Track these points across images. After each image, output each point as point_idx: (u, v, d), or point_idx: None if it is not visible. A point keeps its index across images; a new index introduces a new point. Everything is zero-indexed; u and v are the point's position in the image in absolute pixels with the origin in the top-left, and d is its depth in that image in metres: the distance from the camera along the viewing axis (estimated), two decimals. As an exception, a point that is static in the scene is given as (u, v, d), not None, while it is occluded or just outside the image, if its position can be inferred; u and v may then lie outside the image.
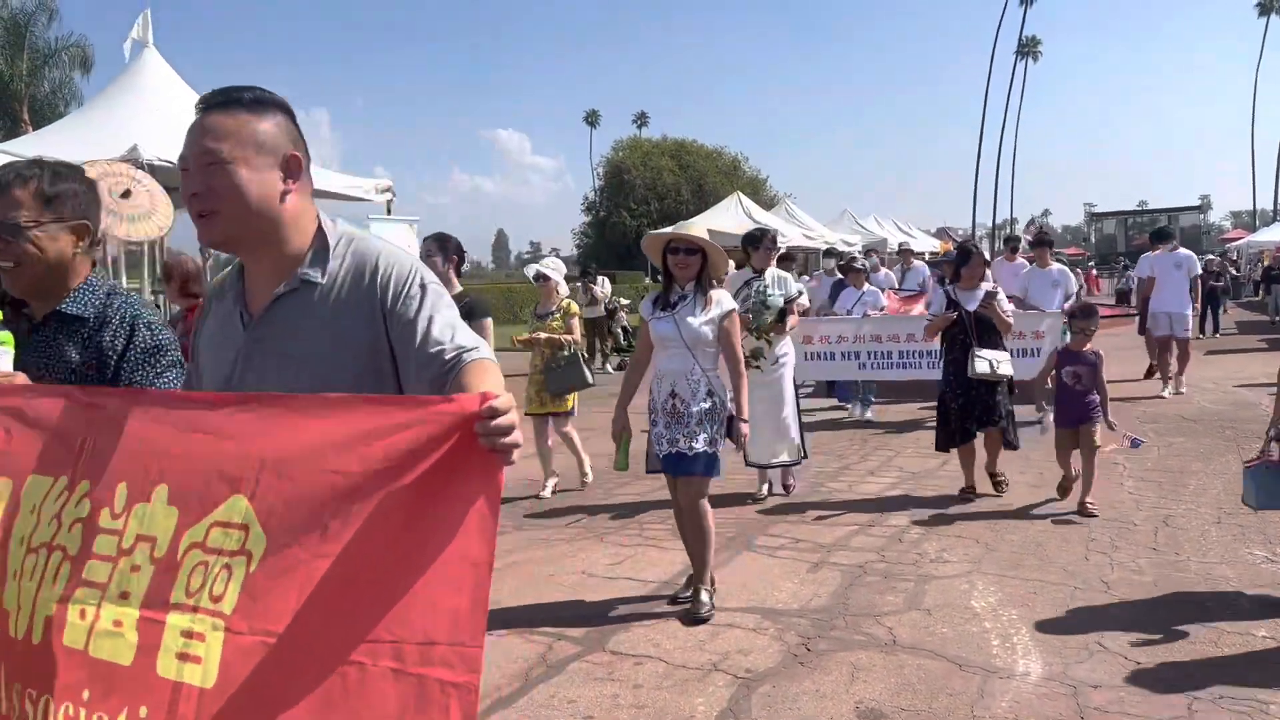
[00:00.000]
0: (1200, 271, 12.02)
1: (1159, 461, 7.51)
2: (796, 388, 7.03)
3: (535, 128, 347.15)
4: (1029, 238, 13.67)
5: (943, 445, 6.90)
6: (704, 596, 4.56)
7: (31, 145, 9.26)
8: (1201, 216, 71.60)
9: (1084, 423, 6.08)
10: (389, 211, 11.02)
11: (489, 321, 4.91)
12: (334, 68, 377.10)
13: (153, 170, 7.86)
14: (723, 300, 4.64)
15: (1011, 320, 6.74)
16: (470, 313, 4.19)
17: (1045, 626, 4.26)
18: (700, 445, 4.46)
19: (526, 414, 7.11)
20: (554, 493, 7.27)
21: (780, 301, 6.67)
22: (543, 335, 7.10)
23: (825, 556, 5.42)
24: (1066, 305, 9.58)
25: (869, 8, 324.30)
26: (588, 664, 4.04)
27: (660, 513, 6.46)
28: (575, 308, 7.42)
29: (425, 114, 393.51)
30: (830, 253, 14.52)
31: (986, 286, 6.63)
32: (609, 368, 16.15)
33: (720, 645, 4.18)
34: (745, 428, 4.57)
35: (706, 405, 4.52)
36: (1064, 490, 6.32)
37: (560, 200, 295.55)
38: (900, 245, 21.93)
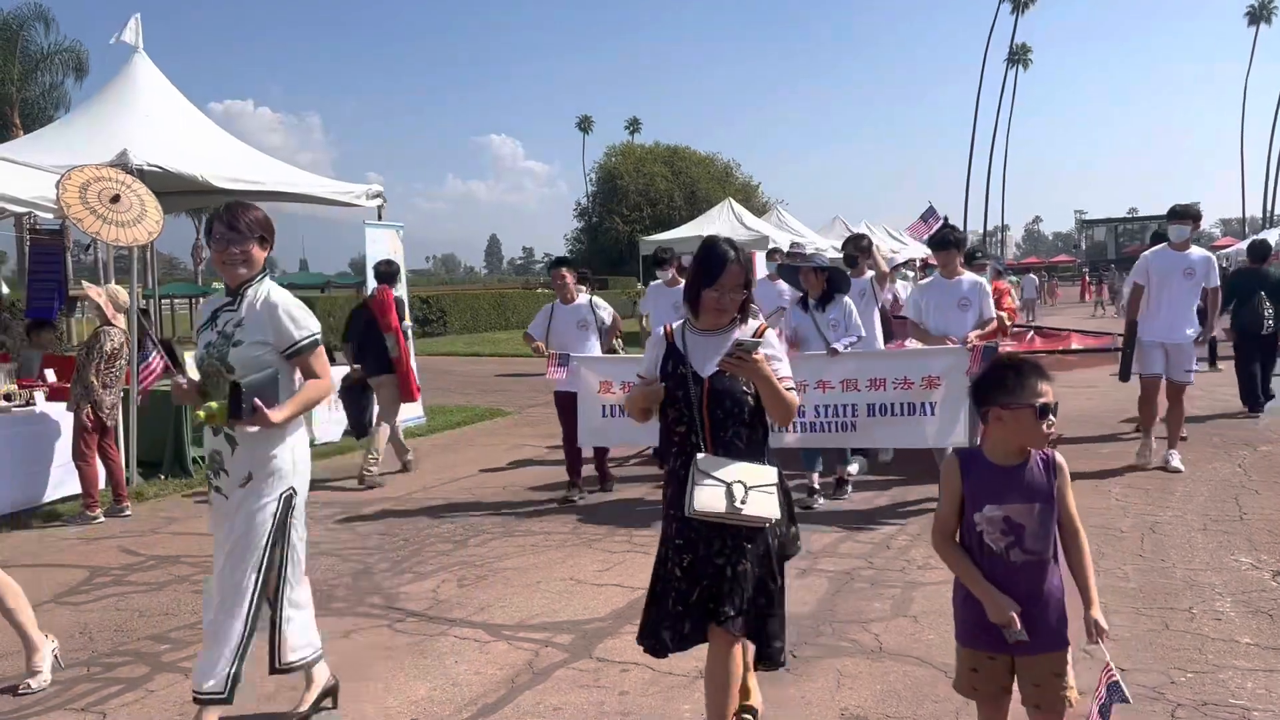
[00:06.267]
0: (1218, 283, 7.67)
1: (1146, 469, 7.54)
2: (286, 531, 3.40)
3: (528, 133, 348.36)
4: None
5: (646, 639, 3.22)
6: None
7: (22, 149, 9.24)
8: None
9: (1039, 650, 2.52)
10: (380, 217, 11.04)
11: None
12: (326, 73, 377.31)
13: (142, 175, 7.82)
14: None
15: (794, 396, 3.13)
16: None
17: (1031, 633, 4.26)
18: None
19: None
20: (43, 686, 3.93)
21: (263, 357, 3.35)
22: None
23: (813, 563, 5.42)
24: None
25: (863, 17, 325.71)
26: (574, 670, 4.03)
27: (648, 519, 6.48)
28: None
29: (418, 120, 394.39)
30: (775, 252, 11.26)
31: (740, 330, 3.20)
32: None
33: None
34: None
35: None
36: None
37: (553, 205, 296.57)
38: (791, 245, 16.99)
